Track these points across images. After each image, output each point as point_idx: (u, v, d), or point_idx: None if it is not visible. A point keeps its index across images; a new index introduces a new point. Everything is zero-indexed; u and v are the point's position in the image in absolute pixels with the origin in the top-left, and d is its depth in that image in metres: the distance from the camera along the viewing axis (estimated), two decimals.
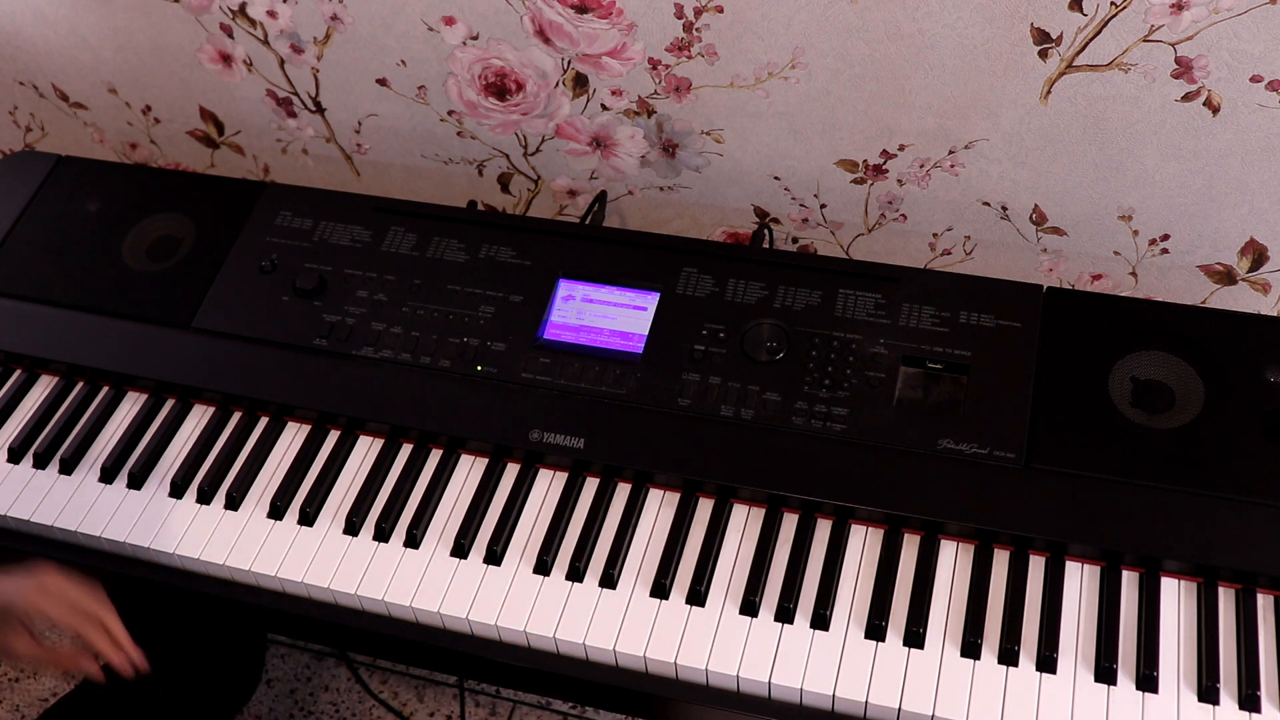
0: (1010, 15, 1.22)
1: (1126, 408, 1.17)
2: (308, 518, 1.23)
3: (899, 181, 1.45)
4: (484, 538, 1.20)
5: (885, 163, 1.43)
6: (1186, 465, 1.13)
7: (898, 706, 1.05)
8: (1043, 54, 1.25)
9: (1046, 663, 1.06)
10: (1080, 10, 1.19)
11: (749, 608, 1.12)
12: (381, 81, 1.56)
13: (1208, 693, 1.03)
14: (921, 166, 1.42)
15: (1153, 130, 1.29)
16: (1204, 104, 1.25)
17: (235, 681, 1.55)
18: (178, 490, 1.27)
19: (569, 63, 1.44)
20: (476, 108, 1.55)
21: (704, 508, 1.19)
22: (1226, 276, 1.44)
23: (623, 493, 1.21)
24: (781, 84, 1.37)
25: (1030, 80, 1.28)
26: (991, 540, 1.14)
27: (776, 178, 1.51)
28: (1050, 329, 1.22)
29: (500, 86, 1.50)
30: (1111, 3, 1.17)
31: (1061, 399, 1.18)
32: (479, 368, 1.28)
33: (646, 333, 1.28)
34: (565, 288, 1.33)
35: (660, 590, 1.14)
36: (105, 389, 1.37)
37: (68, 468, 1.30)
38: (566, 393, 1.25)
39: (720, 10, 1.31)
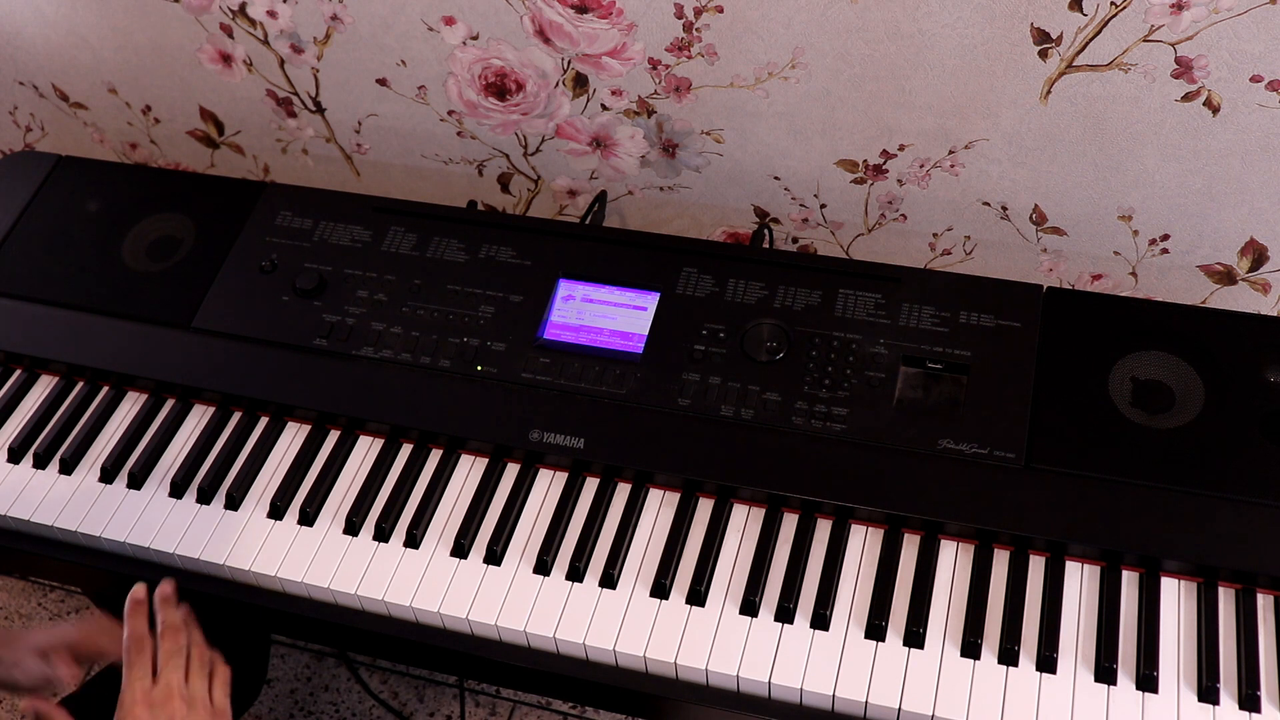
0: (1010, 15, 1.22)
1: (1126, 408, 1.17)
2: (308, 518, 1.23)
3: (899, 181, 1.45)
4: (484, 538, 1.20)
5: (885, 163, 1.43)
6: (1186, 465, 1.13)
7: (898, 706, 1.05)
8: (1043, 54, 1.25)
9: (1046, 663, 1.06)
10: (1080, 10, 1.19)
11: (749, 608, 1.12)
12: (381, 81, 1.56)
13: (1208, 693, 1.03)
14: (921, 166, 1.42)
15: (1153, 130, 1.29)
16: (1204, 104, 1.25)
17: (240, 683, 1.54)
18: (178, 490, 1.27)
19: (569, 63, 1.44)
20: (476, 108, 1.55)
21: (704, 508, 1.19)
22: (1226, 276, 1.44)
23: (623, 493, 1.21)
24: (781, 84, 1.37)
25: (1030, 80, 1.28)
26: (991, 540, 1.14)
27: (776, 178, 1.51)
28: (1050, 329, 1.22)
29: (500, 86, 1.50)
30: (1111, 3, 1.17)
31: (1061, 399, 1.18)
32: (479, 368, 1.28)
33: (646, 333, 1.28)
34: (565, 288, 1.33)
35: (660, 590, 1.14)
36: (105, 389, 1.37)
37: (68, 468, 1.30)
38: (566, 393, 1.25)
39: (720, 10, 1.31)
